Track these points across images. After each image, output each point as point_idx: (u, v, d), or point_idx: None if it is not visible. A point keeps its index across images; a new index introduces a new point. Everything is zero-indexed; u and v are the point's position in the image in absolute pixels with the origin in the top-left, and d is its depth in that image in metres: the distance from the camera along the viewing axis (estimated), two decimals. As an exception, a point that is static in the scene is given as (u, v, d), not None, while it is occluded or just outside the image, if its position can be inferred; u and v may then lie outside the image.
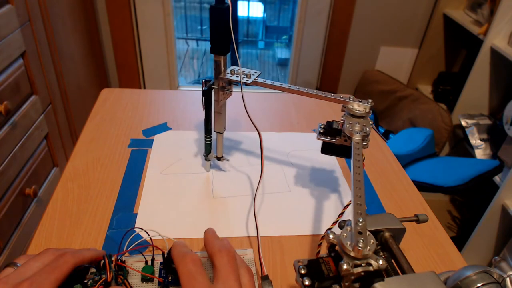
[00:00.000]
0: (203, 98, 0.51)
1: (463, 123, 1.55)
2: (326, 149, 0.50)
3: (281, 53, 3.03)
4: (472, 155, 1.53)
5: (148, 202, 0.52)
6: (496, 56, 1.45)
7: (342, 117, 0.48)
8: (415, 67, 1.95)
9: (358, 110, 0.46)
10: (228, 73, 0.51)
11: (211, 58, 0.51)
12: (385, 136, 1.71)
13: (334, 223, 0.47)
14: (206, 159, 0.58)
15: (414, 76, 1.97)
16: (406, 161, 1.43)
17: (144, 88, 1.93)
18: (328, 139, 0.49)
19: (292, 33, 1.92)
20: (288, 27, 3.12)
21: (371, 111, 0.47)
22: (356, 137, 0.44)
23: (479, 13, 1.58)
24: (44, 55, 1.16)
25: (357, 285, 0.30)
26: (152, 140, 0.65)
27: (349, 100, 0.48)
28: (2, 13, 0.93)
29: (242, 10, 3.08)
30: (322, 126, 0.50)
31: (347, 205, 0.47)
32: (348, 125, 0.45)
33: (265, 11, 3.19)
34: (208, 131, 0.55)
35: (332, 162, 0.64)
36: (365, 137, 0.44)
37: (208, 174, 0.59)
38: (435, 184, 1.29)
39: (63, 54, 1.30)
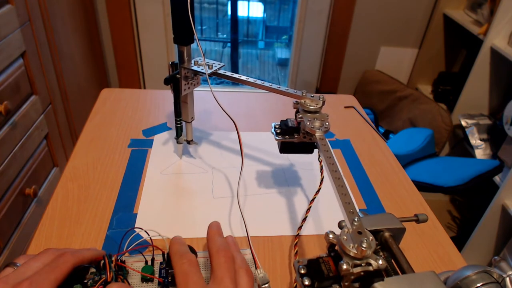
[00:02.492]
0: (171, 84, 0.52)
1: (463, 123, 1.55)
2: (285, 148, 0.49)
3: (281, 53, 3.03)
4: (472, 155, 1.52)
5: (148, 202, 0.52)
6: (496, 56, 1.45)
7: (298, 114, 0.47)
8: (415, 67, 1.95)
9: (311, 106, 0.46)
10: (192, 63, 0.52)
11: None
12: (385, 136, 1.71)
13: (303, 220, 0.47)
14: (178, 142, 0.59)
15: (414, 76, 1.97)
16: (406, 161, 1.43)
17: (144, 88, 1.93)
18: (287, 138, 0.48)
19: (292, 33, 1.92)
20: (288, 27, 3.12)
21: (323, 106, 0.47)
22: (318, 133, 0.43)
23: (479, 13, 1.58)
24: (44, 55, 1.16)
25: (357, 285, 0.30)
26: (152, 140, 0.65)
27: (302, 95, 0.47)
28: (2, 13, 0.93)
29: (242, 10, 3.08)
30: (277, 126, 0.49)
31: (313, 199, 0.46)
32: (308, 122, 0.45)
33: (265, 11, 3.19)
34: (178, 114, 0.56)
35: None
36: (326, 132, 0.44)
37: (208, 174, 0.59)
38: (435, 184, 1.29)
39: (63, 54, 1.30)
